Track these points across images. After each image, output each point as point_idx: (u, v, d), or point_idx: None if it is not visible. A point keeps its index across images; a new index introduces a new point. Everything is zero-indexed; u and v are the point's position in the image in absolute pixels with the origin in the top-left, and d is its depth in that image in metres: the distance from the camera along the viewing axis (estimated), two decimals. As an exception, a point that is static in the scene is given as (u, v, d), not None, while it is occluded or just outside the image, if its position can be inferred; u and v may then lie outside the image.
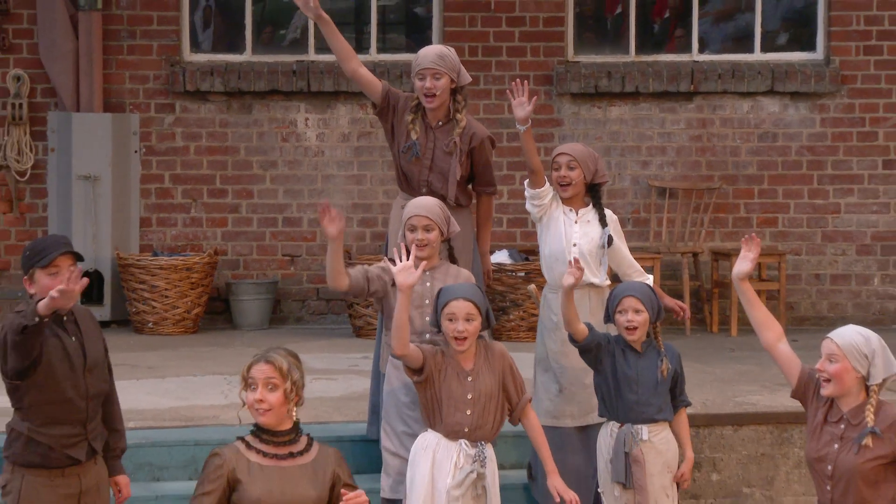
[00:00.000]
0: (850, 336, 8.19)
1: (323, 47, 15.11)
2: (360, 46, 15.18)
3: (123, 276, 14.48)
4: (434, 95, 9.85)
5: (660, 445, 9.23)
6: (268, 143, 15.05)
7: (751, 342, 14.22)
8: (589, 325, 9.25)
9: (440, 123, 9.96)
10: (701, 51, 15.40)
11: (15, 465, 8.23)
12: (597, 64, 15.22)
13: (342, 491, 7.70)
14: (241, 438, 7.87)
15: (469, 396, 8.64)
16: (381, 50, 15.22)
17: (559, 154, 9.72)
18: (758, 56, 15.39)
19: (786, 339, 8.67)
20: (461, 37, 15.02)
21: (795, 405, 11.62)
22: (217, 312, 14.88)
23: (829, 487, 8.17)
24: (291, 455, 7.77)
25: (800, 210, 15.34)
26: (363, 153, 15.05)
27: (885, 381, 8.15)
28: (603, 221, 9.75)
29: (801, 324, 15.18)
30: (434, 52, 9.94)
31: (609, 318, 9.34)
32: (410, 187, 9.93)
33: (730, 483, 11.15)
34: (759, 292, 14.82)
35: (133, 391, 11.51)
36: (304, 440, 7.85)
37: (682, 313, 10.11)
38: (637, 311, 9.19)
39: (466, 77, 10.02)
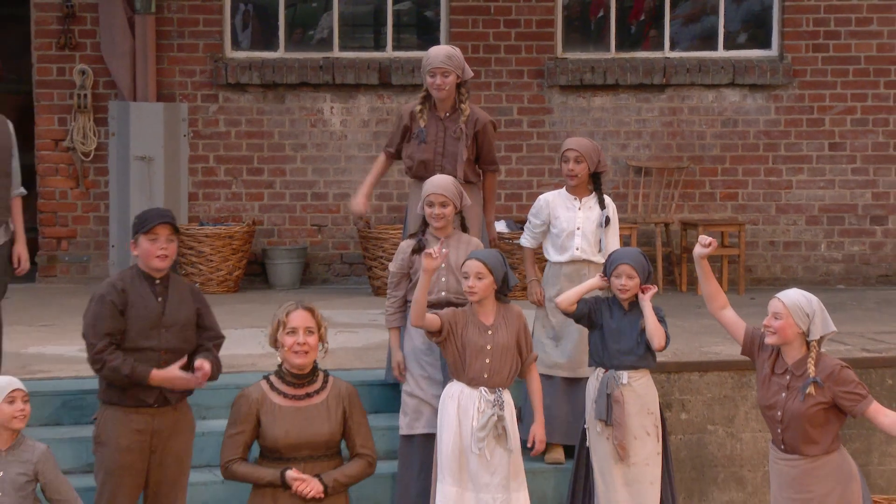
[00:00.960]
0: (794, 297, 8.27)
1: (346, 46, 15.16)
2: (378, 45, 15.21)
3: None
4: (443, 90, 9.91)
5: (639, 389, 9.26)
6: (298, 129, 15.07)
7: (714, 300, 14.28)
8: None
9: (448, 114, 10.00)
10: (672, 48, 15.39)
11: (101, 401, 8.37)
12: (582, 60, 15.23)
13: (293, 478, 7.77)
14: (266, 378, 7.93)
15: (488, 347, 8.63)
16: (395, 48, 15.20)
17: (568, 149, 9.78)
18: (721, 53, 15.38)
19: (729, 305, 8.76)
20: (465, 37, 15.03)
21: (753, 355, 11.64)
22: (255, 274, 14.91)
23: (779, 430, 8.25)
24: (308, 395, 7.84)
25: (757, 186, 15.36)
26: (380, 137, 15.05)
27: (822, 337, 8.22)
28: (602, 205, 9.83)
29: (758, 284, 15.18)
30: (443, 52, 9.98)
31: (605, 274, 9.41)
32: (427, 172, 9.90)
33: (696, 421, 11.17)
34: (721, 258, 14.89)
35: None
36: (320, 379, 7.91)
37: None
38: (630, 277, 9.22)
39: (469, 73, 10.07)
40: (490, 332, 8.66)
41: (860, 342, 12.01)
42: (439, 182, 9.31)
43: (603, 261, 9.59)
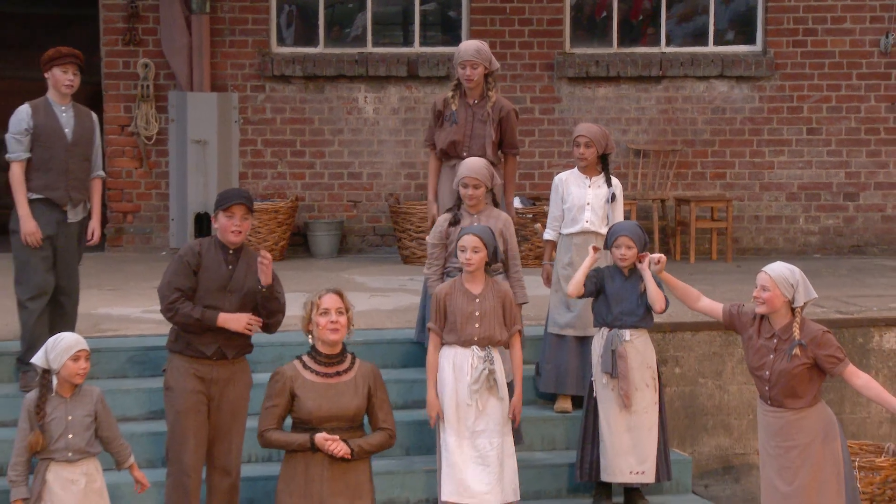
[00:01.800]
0: (779, 270, 8.25)
1: (378, 42, 15.14)
2: (406, 41, 15.18)
3: (226, 216, 14.53)
4: (472, 80, 9.97)
5: (639, 346, 9.32)
6: (336, 116, 15.07)
7: (705, 268, 14.28)
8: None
9: (476, 101, 10.04)
10: (667, 44, 15.35)
11: (168, 350, 8.51)
12: (587, 54, 15.20)
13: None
14: (299, 358, 7.93)
15: (477, 313, 8.62)
16: (422, 44, 15.17)
17: (579, 135, 9.84)
18: (711, 48, 15.34)
19: (701, 295, 8.78)
20: (483, 34, 14.96)
21: (739, 316, 11.63)
22: (297, 245, 14.91)
23: (767, 388, 8.27)
24: (338, 374, 7.84)
25: (742, 167, 15.33)
26: (409, 123, 15.07)
27: (805, 303, 8.22)
28: (609, 183, 9.87)
29: (743, 254, 15.17)
30: (473, 46, 10.06)
31: (607, 247, 9.44)
32: (456, 152, 9.97)
33: (689, 375, 11.18)
34: (711, 230, 14.87)
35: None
36: (348, 360, 7.91)
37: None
38: (629, 247, 9.26)
39: (496, 64, 10.14)
40: (478, 300, 8.65)
41: (834, 305, 12.00)
42: (472, 165, 9.34)
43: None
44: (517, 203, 14.51)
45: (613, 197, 9.86)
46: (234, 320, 8.35)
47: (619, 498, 9.59)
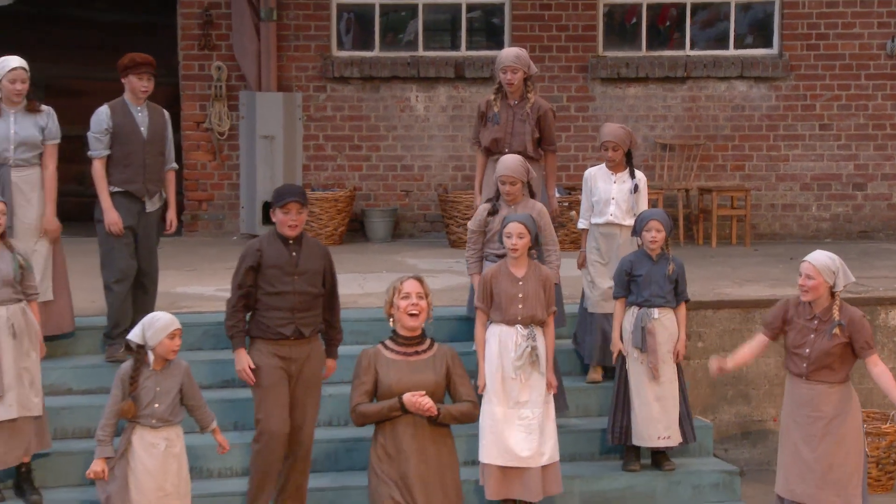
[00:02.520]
0: (821, 259, 8.29)
1: (429, 46, 15.13)
2: (454, 45, 15.17)
3: (291, 204, 14.56)
4: (513, 84, 9.97)
5: (665, 323, 9.34)
6: (390, 113, 15.07)
7: (725, 251, 14.24)
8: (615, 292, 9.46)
9: (516, 102, 10.04)
10: (692, 48, 15.29)
11: (250, 335, 8.53)
12: (618, 57, 15.16)
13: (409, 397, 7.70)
14: (382, 342, 7.92)
15: (520, 295, 8.61)
16: (468, 48, 15.15)
17: (606, 140, 9.81)
18: (732, 52, 15.27)
19: (758, 346, 8.68)
20: (524, 39, 14.98)
21: (757, 295, 11.69)
22: (355, 230, 14.93)
23: (805, 364, 8.28)
24: (417, 353, 7.82)
25: (760, 159, 15.27)
26: (456, 120, 15.06)
27: (844, 286, 8.30)
28: (633, 175, 9.85)
29: (760, 239, 15.11)
30: (513, 53, 10.09)
31: (636, 233, 9.43)
32: (499, 148, 9.99)
33: (710, 348, 11.15)
34: (731, 217, 14.82)
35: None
36: (427, 342, 7.89)
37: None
38: (658, 231, 9.29)
39: (534, 69, 10.17)
40: (521, 283, 8.64)
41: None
42: (509, 164, 9.33)
43: (632, 223, 9.63)
44: (555, 193, 14.52)
45: (636, 188, 9.82)
46: (238, 361, 8.46)
47: (646, 460, 9.60)
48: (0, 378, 8.48)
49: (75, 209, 15.93)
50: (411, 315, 7.81)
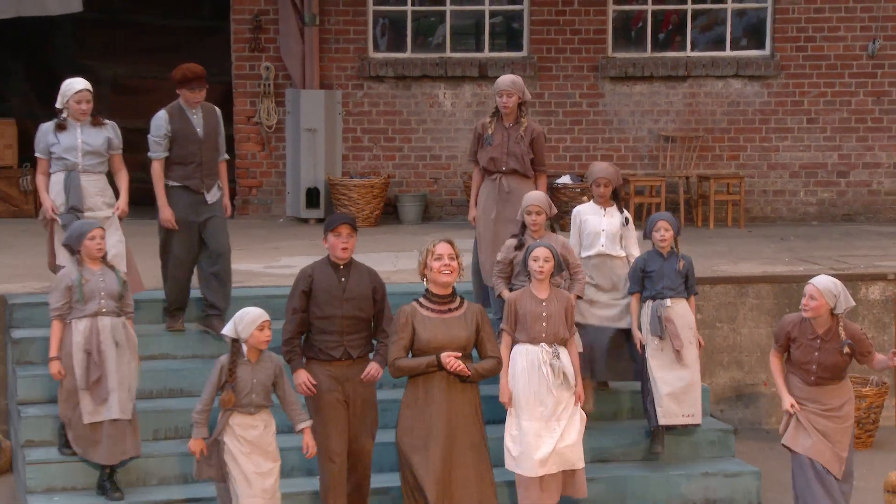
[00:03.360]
0: (825, 283, 8.25)
1: (455, 48, 15.12)
2: (478, 48, 15.15)
3: (332, 191, 14.59)
4: (508, 107, 9.77)
5: (679, 311, 9.26)
6: (420, 108, 15.06)
7: (722, 233, 14.22)
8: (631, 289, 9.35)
9: (511, 125, 9.84)
10: (692, 49, 15.24)
11: (305, 356, 8.35)
12: (626, 58, 15.12)
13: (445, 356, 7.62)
14: (416, 300, 7.86)
15: (543, 314, 8.43)
16: (490, 50, 15.13)
17: (599, 177, 9.47)
18: (728, 52, 15.21)
19: (776, 363, 8.54)
20: (541, 41, 14.97)
21: (750, 272, 11.68)
22: (389, 213, 14.93)
23: (812, 377, 8.31)
24: (450, 310, 7.75)
25: (753, 150, 15.22)
26: (479, 115, 14.97)
27: (845, 310, 8.23)
28: (620, 211, 9.54)
29: (753, 221, 15.07)
30: (509, 79, 9.83)
31: (647, 235, 9.35)
32: (496, 167, 9.82)
33: (708, 320, 11.16)
34: (727, 202, 14.78)
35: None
36: (458, 301, 7.83)
37: None
38: (666, 230, 9.24)
39: (528, 95, 9.89)
40: (544, 304, 8.46)
41: (829, 262, 11.94)
42: (536, 196, 9.20)
43: (622, 254, 9.44)
44: (567, 179, 14.54)
45: (627, 220, 9.53)
46: (296, 378, 8.27)
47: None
48: (105, 382, 8.53)
49: (138, 194, 15.99)
50: (444, 275, 7.73)
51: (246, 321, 7.93)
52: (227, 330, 7.99)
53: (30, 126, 16.58)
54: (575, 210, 9.68)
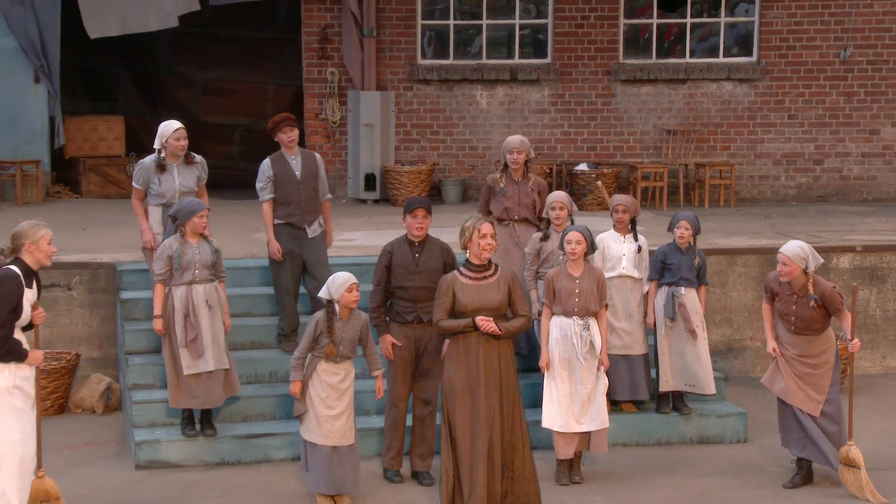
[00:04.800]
0: (793, 249, 8.18)
1: (490, 56, 15.07)
2: (509, 55, 15.08)
3: (386, 176, 14.59)
4: (517, 163, 9.47)
5: (691, 299, 9.14)
6: (461, 106, 15.02)
7: (715, 211, 14.15)
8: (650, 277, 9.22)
9: (520, 179, 9.51)
10: (691, 56, 15.13)
11: (389, 319, 8.39)
12: (635, 64, 15.02)
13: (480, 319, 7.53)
14: (457, 269, 7.74)
15: (576, 290, 8.35)
16: (520, 57, 15.05)
17: (618, 204, 9.20)
18: (721, 59, 15.09)
19: (766, 311, 8.46)
20: (563, 50, 14.90)
21: (739, 245, 11.60)
22: (433, 195, 14.84)
23: (793, 327, 8.26)
24: (485, 277, 7.68)
25: (742, 141, 15.11)
26: (510, 112, 15.00)
27: (815, 267, 8.15)
28: (636, 238, 9.29)
29: (742, 202, 14.98)
30: (518, 139, 9.53)
31: (670, 228, 9.22)
32: (509, 216, 9.53)
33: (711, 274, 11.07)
34: (719, 186, 14.70)
35: (391, 236, 11.60)
36: (493, 268, 7.74)
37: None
38: (686, 229, 9.12)
39: (532, 153, 9.58)
40: (577, 281, 8.37)
41: (806, 237, 11.84)
42: (559, 195, 9.10)
43: (640, 276, 9.24)
44: (584, 167, 14.48)
45: (640, 249, 9.28)
46: (382, 342, 8.31)
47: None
48: (200, 339, 8.57)
49: (223, 179, 16.08)
50: (486, 251, 7.66)
51: (336, 284, 7.91)
52: (322, 293, 7.97)
53: (134, 122, 16.72)
54: (599, 237, 9.27)
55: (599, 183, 13.64)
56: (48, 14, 14.53)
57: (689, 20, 15.13)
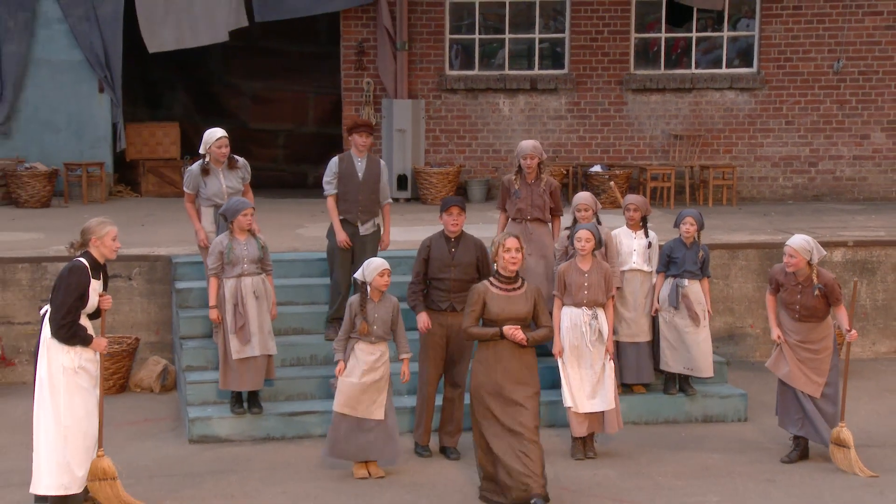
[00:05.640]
0: (798, 242, 8.12)
1: (512, 67, 15.01)
2: (529, 66, 15.02)
3: (417, 177, 14.57)
4: (531, 167, 9.31)
5: (694, 290, 9.01)
6: (485, 113, 14.97)
7: (718, 209, 14.06)
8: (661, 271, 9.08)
9: (533, 181, 9.35)
10: (696, 67, 15.02)
11: (424, 305, 8.32)
12: (644, 74, 14.93)
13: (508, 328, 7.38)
14: (488, 280, 7.58)
15: (585, 283, 8.29)
16: (540, 68, 15.00)
17: (630, 203, 9.13)
18: (724, 70, 14.97)
19: (770, 302, 8.34)
20: (579, 62, 14.83)
21: (740, 240, 11.50)
22: (460, 194, 14.83)
23: (797, 315, 8.19)
24: (514, 289, 7.54)
25: (743, 146, 14.99)
26: (531, 118, 14.94)
27: (818, 259, 8.08)
28: (647, 234, 9.22)
29: (743, 201, 14.86)
30: (531, 144, 9.36)
31: (676, 225, 9.10)
32: (522, 216, 9.36)
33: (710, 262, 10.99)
34: (722, 186, 14.60)
35: (421, 232, 11.60)
36: (520, 281, 7.55)
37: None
38: (691, 225, 9.00)
39: (545, 156, 9.42)
40: (586, 274, 8.31)
41: (801, 233, 11.72)
42: (584, 196, 8.99)
43: (650, 270, 9.15)
44: (598, 169, 14.40)
45: (650, 244, 9.21)
46: (419, 321, 8.21)
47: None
48: (248, 327, 8.56)
49: (268, 180, 16.08)
50: (511, 264, 7.56)
51: (371, 268, 7.89)
52: (358, 274, 7.97)
53: (188, 127, 16.76)
54: (613, 232, 9.20)
55: (612, 183, 13.57)
56: (111, 30, 14.60)
57: (694, 34, 15.02)
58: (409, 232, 11.88)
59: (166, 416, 9.53)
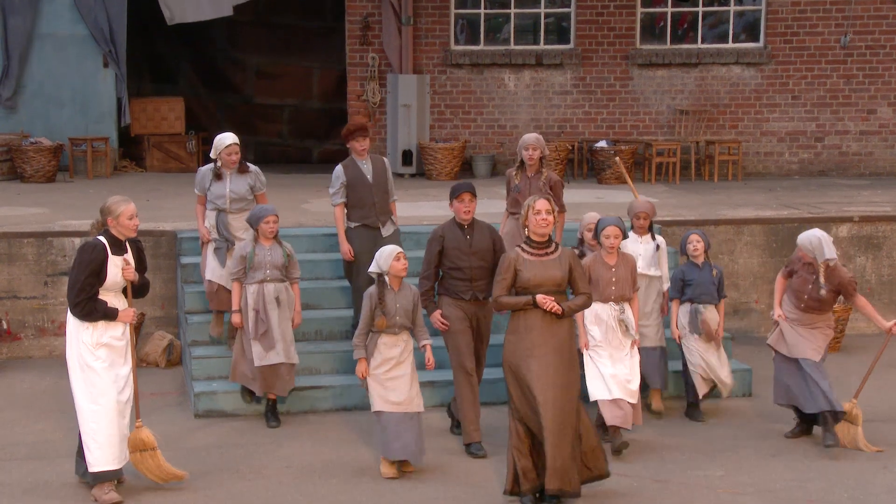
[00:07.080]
0: (801, 240, 8.14)
1: (518, 42, 14.95)
2: (535, 41, 14.97)
3: (422, 152, 14.53)
4: (533, 159, 9.17)
5: (711, 315, 8.75)
6: (490, 88, 14.91)
7: (724, 185, 14.03)
8: (672, 293, 8.89)
9: (534, 174, 9.21)
10: (702, 42, 14.95)
11: (439, 294, 8.17)
12: (650, 49, 14.86)
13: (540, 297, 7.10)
14: (519, 246, 7.22)
15: (613, 279, 8.18)
16: (545, 43, 14.93)
17: (640, 212, 8.92)
18: (730, 45, 14.90)
19: (779, 284, 8.35)
20: (585, 37, 14.77)
21: (745, 216, 11.48)
22: (465, 170, 14.82)
23: (802, 305, 8.18)
24: (547, 254, 7.14)
25: (749, 121, 14.94)
26: (536, 94, 14.89)
27: (823, 261, 8.05)
28: (653, 238, 9.01)
29: (748, 176, 14.83)
30: (533, 137, 9.22)
31: (682, 251, 8.93)
32: (520, 211, 9.27)
33: (712, 253, 10.97)
34: (728, 161, 14.56)
35: (427, 207, 11.59)
36: (553, 246, 7.20)
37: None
38: (698, 241, 8.81)
39: (546, 150, 9.25)
40: (613, 269, 8.19)
41: (807, 208, 11.75)
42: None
43: (656, 274, 8.97)
44: (604, 144, 14.37)
45: (658, 247, 9.00)
46: (431, 318, 8.01)
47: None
48: (271, 334, 8.51)
49: (272, 155, 16.07)
50: (542, 227, 7.12)
51: (384, 256, 7.68)
52: (372, 268, 7.76)
53: (194, 103, 16.73)
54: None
55: (618, 159, 13.49)
56: (116, 4, 14.57)
57: (700, 9, 14.94)
58: (415, 207, 11.88)
59: (172, 391, 9.55)
